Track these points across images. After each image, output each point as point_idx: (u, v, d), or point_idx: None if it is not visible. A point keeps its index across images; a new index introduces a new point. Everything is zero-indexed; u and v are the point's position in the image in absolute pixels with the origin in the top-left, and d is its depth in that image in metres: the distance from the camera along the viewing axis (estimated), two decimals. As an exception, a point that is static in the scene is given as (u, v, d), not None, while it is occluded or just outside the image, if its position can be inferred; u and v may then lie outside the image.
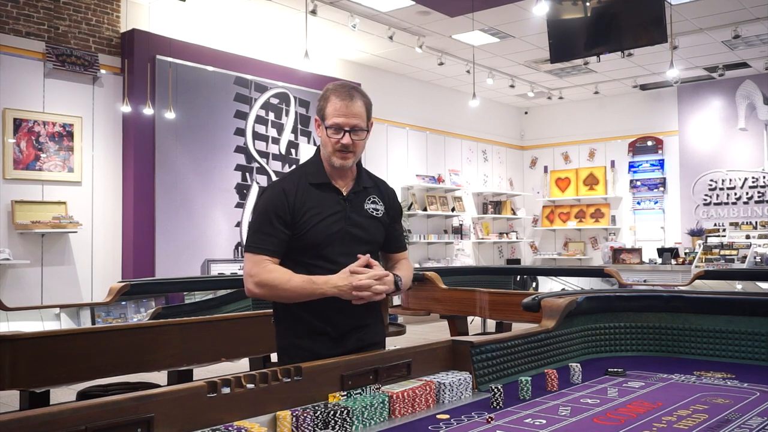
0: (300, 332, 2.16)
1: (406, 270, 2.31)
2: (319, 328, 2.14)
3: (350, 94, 2.14)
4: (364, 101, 2.17)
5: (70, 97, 7.15)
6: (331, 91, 2.16)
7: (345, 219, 2.16)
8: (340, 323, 2.15)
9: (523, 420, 1.67)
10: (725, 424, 1.62)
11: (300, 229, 2.12)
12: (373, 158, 10.40)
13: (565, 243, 13.25)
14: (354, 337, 2.17)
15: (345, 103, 2.12)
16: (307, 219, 2.12)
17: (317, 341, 2.13)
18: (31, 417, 1.19)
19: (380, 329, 2.31)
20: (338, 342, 2.14)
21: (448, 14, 8.23)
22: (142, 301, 4.75)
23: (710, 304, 2.53)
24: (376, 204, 2.25)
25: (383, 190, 2.33)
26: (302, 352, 2.09)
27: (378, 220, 2.25)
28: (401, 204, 10.55)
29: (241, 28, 8.65)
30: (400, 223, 2.39)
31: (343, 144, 2.12)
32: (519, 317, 4.18)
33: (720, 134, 11.52)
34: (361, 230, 2.19)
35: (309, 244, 2.13)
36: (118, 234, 7.50)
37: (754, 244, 9.19)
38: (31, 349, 2.96)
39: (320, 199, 2.16)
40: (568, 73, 11.12)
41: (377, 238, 2.26)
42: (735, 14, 8.37)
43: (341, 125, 2.11)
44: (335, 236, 2.14)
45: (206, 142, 8.07)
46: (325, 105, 2.15)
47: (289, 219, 2.12)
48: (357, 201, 2.21)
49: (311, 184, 2.17)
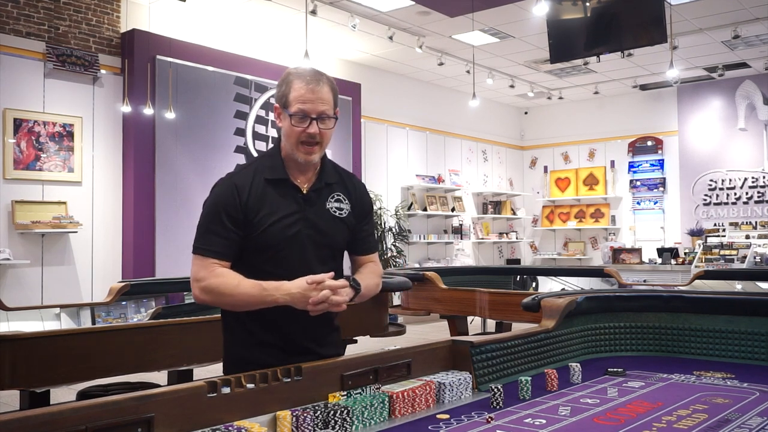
0: (249, 343, 1.96)
1: (369, 275, 2.06)
2: (270, 339, 1.95)
3: (316, 78, 1.91)
4: (330, 86, 1.94)
5: (70, 97, 7.15)
6: (294, 75, 1.92)
7: (303, 220, 1.95)
8: (291, 334, 1.96)
9: (523, 420, 1.67)
10: (725, 424, 1.63)
11: (253, 230, 1.91)
12: (373, 158, 10.41)
13: (565, 243, 13.25)
14: (307, 350, 1.96)
15: (311, 87, 1.89)
16: (260, 219, 1.91)
17: (269, 354, 1.92)
18: (31, 417, 1.20)
19: (335, 339, 2.09)
20: (291, 354, 1.91)
21: (448, 14, 8.23)
22: (142, 301, 4.75)
23: (710, 304, 2.53)
24: (341, 202, 2.02)
25: (350, 185, 2.07)
26: (252, 366, 1.77)
27: (341, 220, 2.02)
28: (403, 203, 10.63)
29: (241, 28, 8.65)
30: (370, 222, 2.14)
31: (309, 133, 1.90)
32: (519, 317, 4.18)
33: (720, 134, 11.52)
34: (320, 233, 1.97)
35: (262, 247, 1.92)
36: (118, 234, 7.50)
37: (754, 244, 9.19)
38: (31, 349, 2.96)
39: (276, 198, 1.94)
40: (568, 73, 11.13)
41: (339, 242, 2.04)
42: (735, 14, 8.37)
43: (307, 112, 1.89)
44: (291, 239, 1.93)
45: (206, 142, 8.07)
46: (288, 90, 1.91)
47: (241, 218, 1.90)
48: (318, 200, 1.99)
49: (267, 180, 1.95)
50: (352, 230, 2.06)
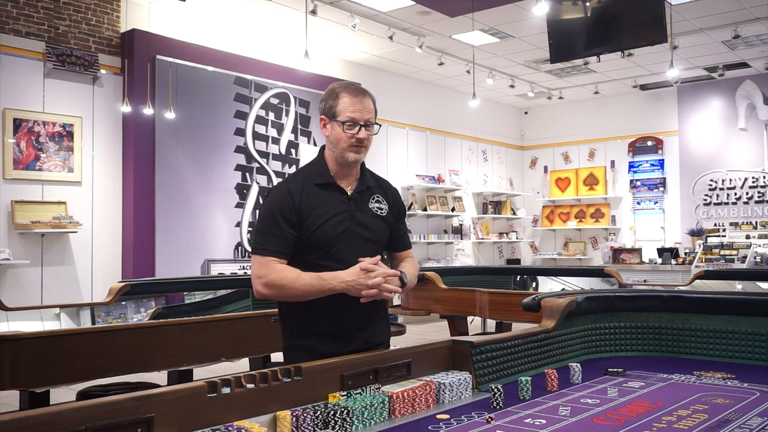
0: (305, 332, 2.17)
1: (411, 268, 2.32)
2: (325, 328, 2.15)
3: (361, 91, 2.21)
4: (372, 99, 2.23)
5: (70, 97, 7.15)
6: (341, 88, 2.21)
7: (350, 218, 2.18)
8: (346, 323, 2.16)
9: (523, 420, 1.67)
10: (725, 424, 1.62)
11: (306, 229, 2.13)
12: (373, 158, 10.39)
13: (565, 243, 13.25)
14: (360, 337, 2.18)
15: (358, 99, 2.17)
16: (312, 219, 2.13)
17: (323, 341, 2.14)
18: (31, 417, 1.19)
19: (386, 329, 2.32)
20: (344, 342, 2.14)
21: (448, 14, 8.23)
22: (142, 301, 4.75)
23: (710, 304, 2.52)
24: (380, 203, 2.28)
25: (387, 189, 2.35)
26: (308, 352, 2.10)
27: (382, 219, 2.27)
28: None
29: (241, 28, 8.65)
30: (404, 222, 2.40)
31: (359, 138, 2.16)
32: (519, 317, 4.18)
33: (720, 134, 11.52)
34: (366, 229, 2.21)
35: (315, 245, 2.14)
36: (118, 234, 7.50)
37: (754, 244, 9.19)
38: (31, 349, 2.96)
39: (325, 199, 2.17)
40: (568, 73, 11.12)
41: (382, 237, 2.27)
42: (735, 14, 8.37)
43: (356, 119, 2.15)
44: (341, 236, 2.15)
45: (206, 142, 8.07)
46: (336, 102, 2.18)
47: (295, 219, 2.13)
48: (361, 200, 2.23)
49: (316, 184, 2.19)
50: (390, 228, 2.31)
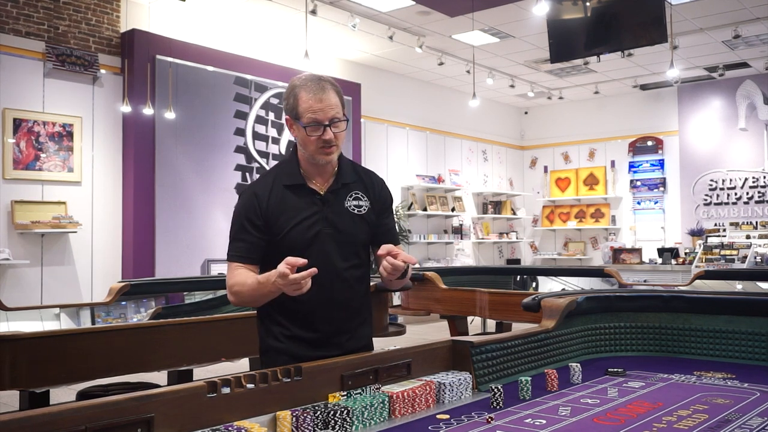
0: (280, 335, 2.07)
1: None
2: (299, 332, 2.05)
3: (320, 86, 1.98)
4: (335, 90, 2.01)
5: (70, 97, 7.15)
6: (299, 87, 1.99)
7: (322, 221, 2.04)
8: (321, 328, 2.05)
9: (523, 420, 1.67)
10: (725, 424, 1.62)
11: (276, 233, 2.02)
12: (373, 158, 10.40)
13: (565, 243, 13.25)
14: (334, 343, 2.06)
15: (318, 97, 1.96)
16: (282, 223, 2.02)
17: (298, 345, 2.04)
18: (31, 417, 1.19)
19: (366, 333, 2.18)
20: (318, 347, 2.02)
21: (448, 14, 8.23)
22: (142, 301, 4.75)
23: (710, 304, 2.52)
24: (360, 200, 2.10)
25: (368, 183, 2.16)
26: (283, 356, 2.01)
27: (361, 218, 2.09)
28: (403, 203, 10.62)
29: (241, 28, 8.65)
30: (390, 217, 2.21)
31: (325, 140, 1.98)
32: (519, 317, 4.18)
33: (720, 134, 11.52)
34: (340, 232, 2.06)
35: (287, 249, 1.97)
36: (118, 234, 7.50)
37: (755, 244, 9.19)
38: (31, 349, 2.96)
39: (295, 202, 2.04)
40: (568, 73, 11.12)
41: (360, 237, 2.11)
42: (735, 14, 8.37)
43: (319, 120, 1.96)
44: (314, 239, 2.02)
45: (206, 142, 8.07)
46: (296, 102, 1.99)
47: (262, 224, 2.02)
48: (335, 200, 2.07)
49: (285, 186, 2.05)
50: (372, 226, 2.13)
